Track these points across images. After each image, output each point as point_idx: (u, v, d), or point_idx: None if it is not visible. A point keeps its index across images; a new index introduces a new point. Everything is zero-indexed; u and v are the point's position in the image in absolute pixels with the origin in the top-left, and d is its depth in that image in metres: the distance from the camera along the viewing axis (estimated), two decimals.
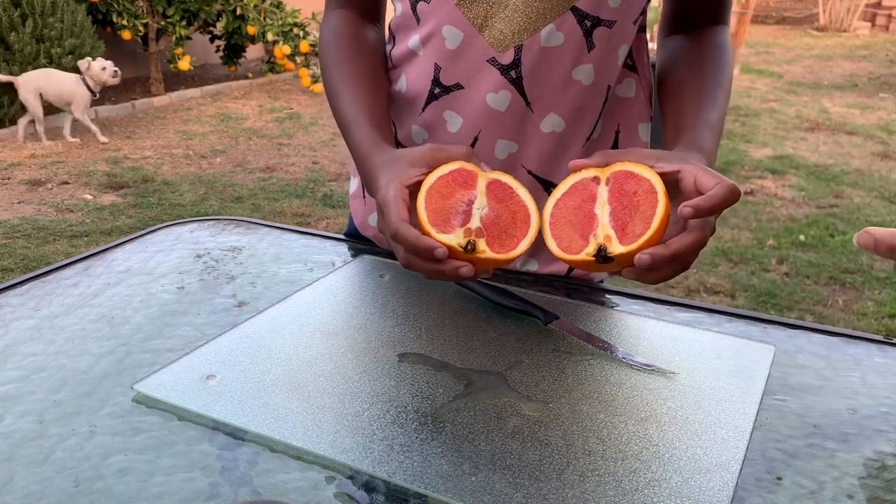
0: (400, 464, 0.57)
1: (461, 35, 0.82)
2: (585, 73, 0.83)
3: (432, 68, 0.86)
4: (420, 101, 0.89)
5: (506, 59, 0.82)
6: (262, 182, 4.28)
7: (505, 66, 0.82)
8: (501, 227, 0.66)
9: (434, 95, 0.87)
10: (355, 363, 0.70)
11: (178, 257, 0.95)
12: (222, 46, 6.47)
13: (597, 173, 0.66)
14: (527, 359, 0.72)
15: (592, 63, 0.83)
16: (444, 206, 0.66)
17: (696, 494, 0.54)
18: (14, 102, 4.94)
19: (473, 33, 0.82)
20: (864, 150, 5.13)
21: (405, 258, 0.66)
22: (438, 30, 0.83)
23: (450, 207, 0.66)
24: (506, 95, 0.83)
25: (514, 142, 0.87)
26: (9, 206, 3.83)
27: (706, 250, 3.46)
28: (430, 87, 0.87)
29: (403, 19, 0.89)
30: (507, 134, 0.86)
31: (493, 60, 0.82)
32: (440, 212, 0.65)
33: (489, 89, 0.84)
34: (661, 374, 0.69)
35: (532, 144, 0.87)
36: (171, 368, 0.69)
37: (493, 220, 0.66)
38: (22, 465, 0.57)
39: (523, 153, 0.87)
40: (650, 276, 0.63)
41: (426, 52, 0.86)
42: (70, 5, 5.25)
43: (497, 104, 0.84)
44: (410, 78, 0.89)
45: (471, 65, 0.83)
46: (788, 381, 0.70)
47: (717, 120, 0.79)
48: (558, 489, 0.54)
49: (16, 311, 0.81)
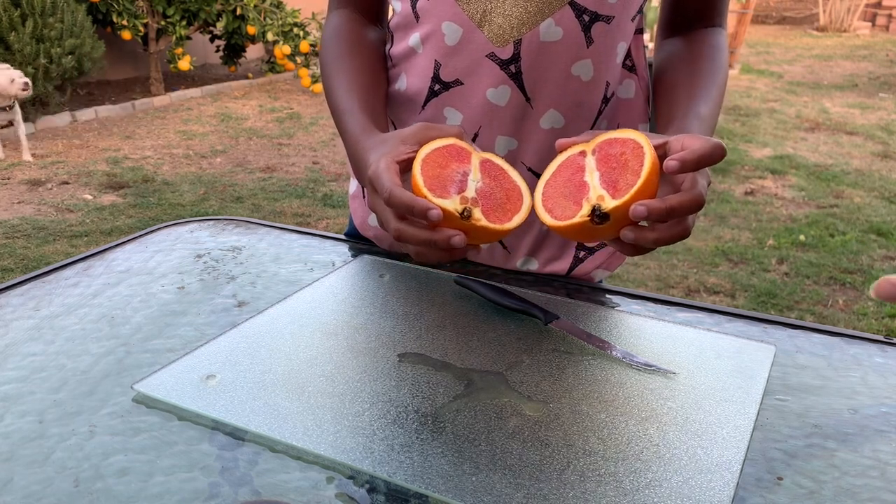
0: (400, 464, 0.57)
1: (460, 31, 0.83)
2: (584, 68, 0.83)
3: (432, 65, 0.86)
4: (420, 98, 0.89)
5: (505, 54, 0.82)
6: (262, 182, 4.28)
7: (504, 61, 0.82)
8: (496, 201, 0.65)
9: (434, 92, 0.87)
10: (355, 363, 0.70)
11: (178, 257, 0.95)
12: (222, 46, 6.47)
13: (583, 148, 0.67)
14: (527, 359, 0.72)
15: (591, 59, 0.83)
16: (440, 175, 0.65)
17: (697, 494, 0.54)
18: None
19: (472, 29, 0.82)
20: (864, 150, 5.13)
21: (397, 228, 0.64)
22: (438, 26, 0.84)
23: (446, 176, 0.65)
24: (505, 90, 0.84)
25: (513, 138, 0.87)
26: (9, 206, 3.83)
27: (706, 250, 3.46)
28: (430, 84, 0.87)
29: (403, 18, 0.89)
30: (507, 130, 0.86)
31: (493, 56, 0.82)
32: (436, 179, 0.65)
33: (489, 84, 0.84)
34: (661, 374, 0.69)
35: (532, 140, 0.87)
36: (171, 368, 0.69)
37: (487, 194, 0.66)
38: (22, 465, 0.57)
39: (523, 150, 0.88)
40: (649, 236, 0.63)
41: (426, 49, 0.86)
42: (70, 5, 5.25)
43: (497, 99, 0.84)
44: (410, 76, 0.89)
45: (470, 60, 0.84)
46: (789, 381, 0.70)
47: (708, 113, 0.79)
48: (559, 489, 0.54)
49: (16, 311, 0.81)
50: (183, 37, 5.99)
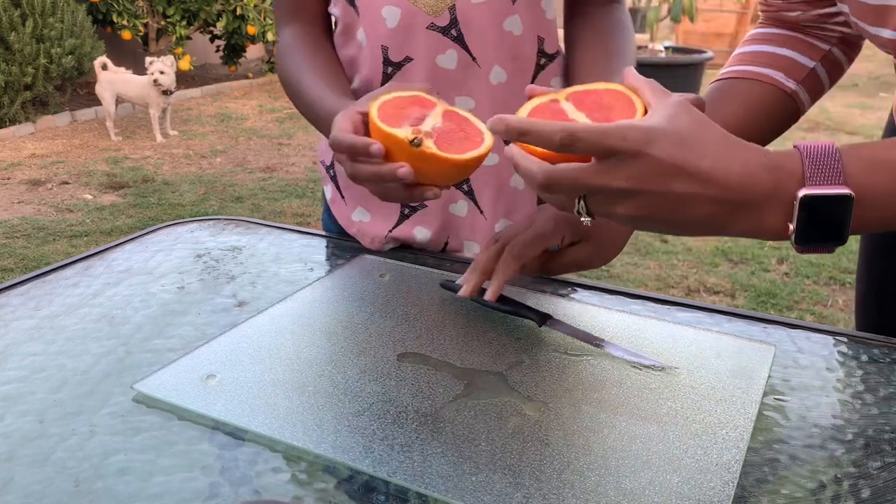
0: (400, 464, 0.57)
1: (399, 11, 0.89)
2: (514, 23, 0.91)
3: (380, 51, 0.91)
4: (375, 86, 0.93)
5: (443, 22, 0.89)
6: (262, 182, 4.28)
7: (444, 28, 0.89)
8: (453, 138, 0.65)
9: (388, 75, 0.92)
10: (355, 363, 0.70)
11: (178, 257, 0.95)
12: (222, 46, 6.47)
13: (554, 97, 0.64)
14: (527, 359, 0.72)
15: (518, 14, 0.90)
16: (398, 114, 0.65)
17: (697, 494, 0.54)
18: (14, 102, 4.95)
19: (409, 7, 0.89)
20: None
21: (350, 167, 0.68)
22: (378, 13, 0.89)
23: (403, 115, 0.65)
24: (452, 54, 0.90)
25: (469, 97, 0.93)
26: (9, 206, 3.83)
27: (706, 250, 3.46)
28: (383, 69, 0.92)
29: (345, 19, 0.94)
30: (463, 90, 0.92)
31: (433, 26, 0.89)
32: (392, 116, 0.65)
33: (437, 52, 0.90)
34: (661, 374, 0.69)
35: (485, 97, 0.93)
36: (171, 368, 0.69)
37: (445, 133, 0.65)
38: (22, 465, 0.57)
39: (480, 107, 0.93)
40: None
41: (371, 39, 0.91)
42: (70, 5, 5.25)
43: (447, 63, 0.91)
44: (363, 69, 0.94)
45: (414, 36, 0.90)
46: (788, 381, 0.70)
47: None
48: (558, 489, 0.54)
49: (16, 311, 0.81)
50: (183, 37, 5.99)
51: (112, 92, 4.96)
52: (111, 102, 4.98)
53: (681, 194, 0.54)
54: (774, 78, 0.89)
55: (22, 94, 5.03)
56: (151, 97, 4.93)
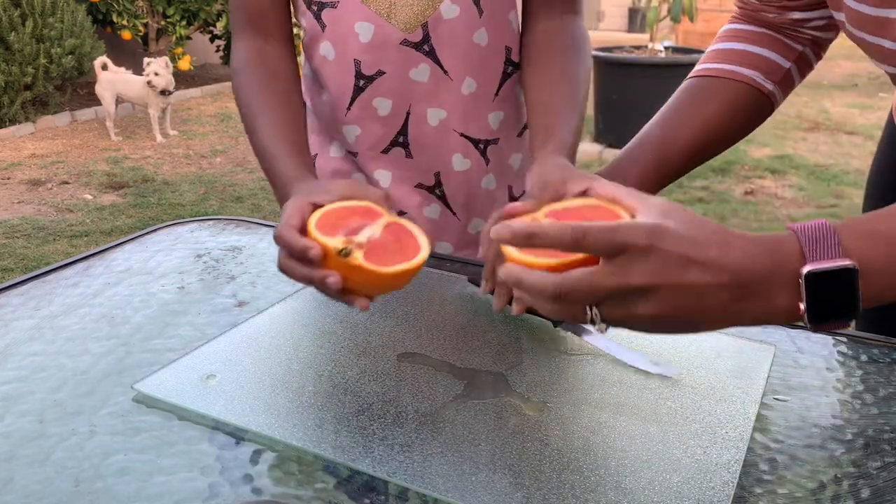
0: (400, 464, 0.57)
1: (372, 27, 0.90)
2: (481, 36, 0.93)
3: (352, 65, 0.92)
4: (345, 99, 0.94)
5: (416, 38, 0.90)
6: (262, 182, 4.27)
7: (417, 44, 0.91)
8: (386, 250, 0.64)
9: (360, 88, 0.93)
10: (355, 363, 0.70)
11: (178, 257, 0.95)
12: (222, 46, 6.47)
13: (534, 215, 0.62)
14: (527, 359, 0.72)
15: (485, 27, 0.92)
16: (336, 223, 0.65)
17: (697, 494, 0.54)
18: (14, 102, 4.95)
19: (382, 23, 0.90)
20: (864, 150, 5.13)
21: (281, 261, 0.67)
22: (350, 28, 0.90)
23: (341, 224, 0.65)
24: (425, 68, 0.92)
25: (441, 109, 0.94)
26: (9, 206, 3.83)
27: None
28: (355, 82, 0.93)
29: (311, 31, 0.93)
30: (435, 102, 0.94)
31: (406, 42, 0.90)
32: (330, 224, 0.65)
33: (410, 66, 0.91)
34: (661, 374, 0.69)
35: (457, 108, 0.94)
36: (171, 368, 0.69)
37: (379, 245, 0.64)
38: (22, 465, 0.57)
39: (452, 118, 0.95)
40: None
41: (341, 52, 0.92)
42: (70, 5, 5.25)
43: (419, 77, 0.92)
44: (331, 83, 0.94)
45: (387, 50, 0.91)
46: (788, 381, 0.70)
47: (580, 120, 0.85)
48: (558, 489, 0.54)
49: (16, 310, 0.81)
50: (183, 37, 5.99)
51: (112, 92, 4.96)
52: (111, 102, 4.98)
53: (695, 285, 0.53)
54: (753, 78, 0.90)
55: (22, 94, 5.04)
56: (150, 97, 4.93)
